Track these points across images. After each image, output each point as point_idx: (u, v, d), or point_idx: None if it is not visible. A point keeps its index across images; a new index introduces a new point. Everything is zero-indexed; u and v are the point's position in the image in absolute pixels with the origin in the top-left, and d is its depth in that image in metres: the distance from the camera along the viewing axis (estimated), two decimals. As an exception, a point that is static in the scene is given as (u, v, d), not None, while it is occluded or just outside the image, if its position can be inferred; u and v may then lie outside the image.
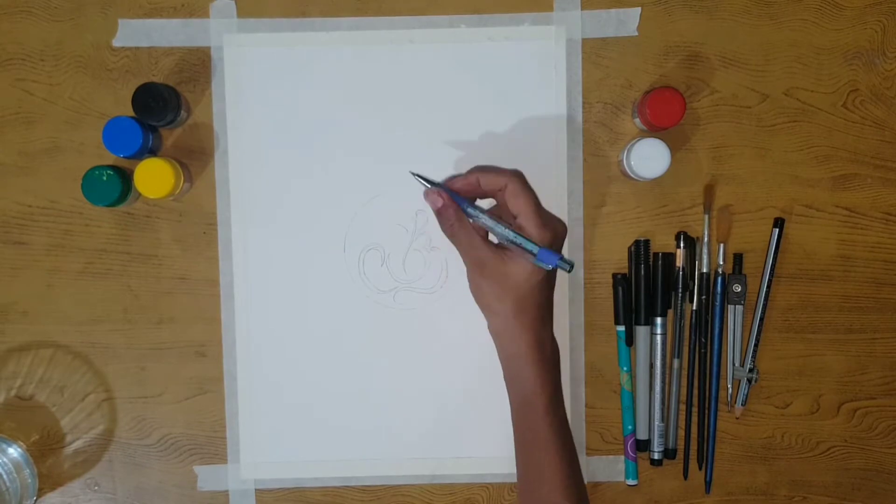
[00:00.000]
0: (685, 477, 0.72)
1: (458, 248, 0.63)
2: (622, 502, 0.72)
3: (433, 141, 0.71)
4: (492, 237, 0.64)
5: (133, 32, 0.70)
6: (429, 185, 0.63)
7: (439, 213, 0.63)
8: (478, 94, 0.70)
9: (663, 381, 0.71)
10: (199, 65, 0.70)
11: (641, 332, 0.71)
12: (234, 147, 0.70)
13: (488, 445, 0.72)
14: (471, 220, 0.62)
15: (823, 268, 0.71)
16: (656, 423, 0.71)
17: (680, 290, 0.70)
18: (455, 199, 0.62)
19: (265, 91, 0.70)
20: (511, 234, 0.60)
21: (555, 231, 0.61)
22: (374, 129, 0.70)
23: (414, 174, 0.64)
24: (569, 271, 0.59)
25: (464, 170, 0.69)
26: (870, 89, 0.70)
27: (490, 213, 0.62)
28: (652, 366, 0.71)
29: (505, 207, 0.62)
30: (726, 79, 0.70)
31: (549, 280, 0.62)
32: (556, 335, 0.71)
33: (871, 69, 0.70)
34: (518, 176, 0.62)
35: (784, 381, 0.72)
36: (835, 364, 0.72)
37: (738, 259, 0.71)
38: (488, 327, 0.64)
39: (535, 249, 0.59)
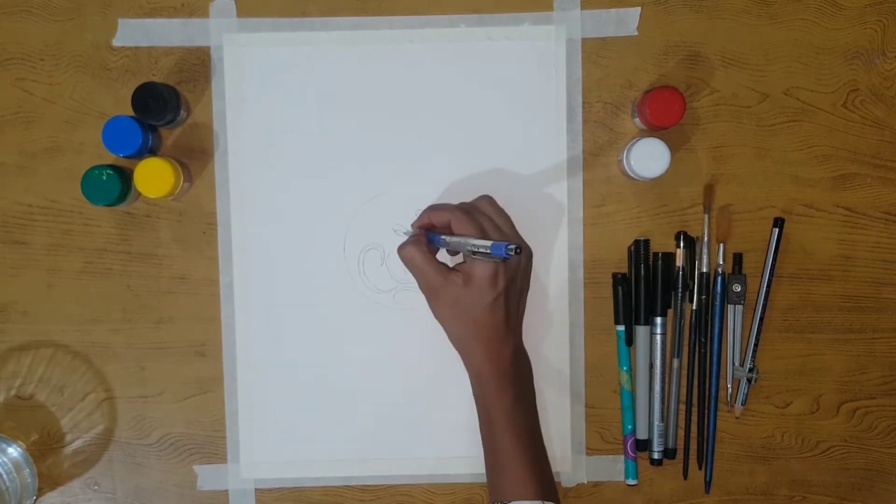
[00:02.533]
0: (685, 477, 0.72)
1: (412, 273, 0.65)
2: (622, 502, 0.72)
3: (433, 140, 0.71)
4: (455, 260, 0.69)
5: (133, 32, 0.70)
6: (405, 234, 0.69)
7: (408, 240, 0.66)
8: (478, 94, 0.70)
9: (663, 381, 0.71)
10: (198, 64, 0.70)
11: (641, 331, 0.71)
12: (233, 147, 0.70)
13: (488, 445, 0.72)
14: (446, 248, 0.65)
15: (823, 267, 0.71)
16: (656, 422, 0.71)
17: (680, 290, 0.70)
18: (428, 235, 0.66)
19: (265, 91, 0.70)
20: (468, 242, 0.62)
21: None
22: (374, 129, 0.70)
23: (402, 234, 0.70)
24: (518, 253, 0.59)
25: (462, 170, 0.70)
26: (870, 89, 0.70)
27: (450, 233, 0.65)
28: (652, 365, 0.71)
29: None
30: (726, 78, 0.70)
31: (502, 299, 0.63)
32: (556, 335, 0.71)
33: (871, 69, 0.70)
34: (460, 209, 0.64)
35: (784, 380, 0.72)
36: (835, 364, 0.72)
37: (737, 259, 0.71)
38: (452, 345, 0.66)
39: (489, 244, 0.60)
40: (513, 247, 0.58)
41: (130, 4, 0.70)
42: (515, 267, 0.64)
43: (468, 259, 0.63)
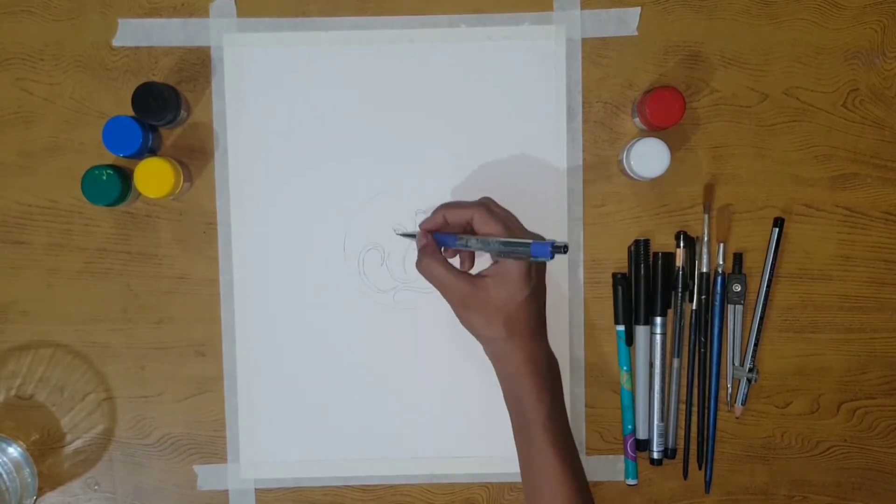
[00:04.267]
0: (685, 477, 0.72)
1: (435, 287, 0.64)
2: (622, 502, 0.72)
3: (433, 140, 0.71)
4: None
5: (133, 32, 0.70)
6: (414, 237, 0.67)
7: (420, 251, 0.64)
8: (478, 94, 0.70)
9: (663, 381, 0.71)
10: (198, 64, 0.70)
11: (641, 331, 0.71)
12: (233, 146, 0.70)
13: (488, 444, 0.72)
14: (464, 249, 0.63)
15: (823, 267, 0.71)
16: (656, 422, 0.71)
17: (680, 290, 0.70)
18: (437, 238, 0.64)
19: (265, 90, 0.70)
20: (500, 243, 0.59)
21: None
22: (374, 129, 0.70)
23: (401, 234, 0.70)
24: (564, 252, 0.55)
25: (462, 170, 0.70)
26: (869, 89, 0.70)
27: (474, 235, 0.63)
28: (652, 365, 0.71)
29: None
30: (726, 78, 0.70)
31: (534, 296, 0.62)
32: (556, 334, 0.71)
33: (871, 69, 0.70)
34: (483, 206, 0.63)
35: (784, 380, 0.72)
36: (835, 364, 0.72)
37: (737, 259, 0.71)
38: (485, 353, 0.64)
39: (528, 244, 0.56)
40: (562, 244, 0.54)
41: (130, 4, 0.70)
42: (542, 264, 0.63)
43: (496, 258, 0.62)
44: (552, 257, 0.55)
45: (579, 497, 0.62)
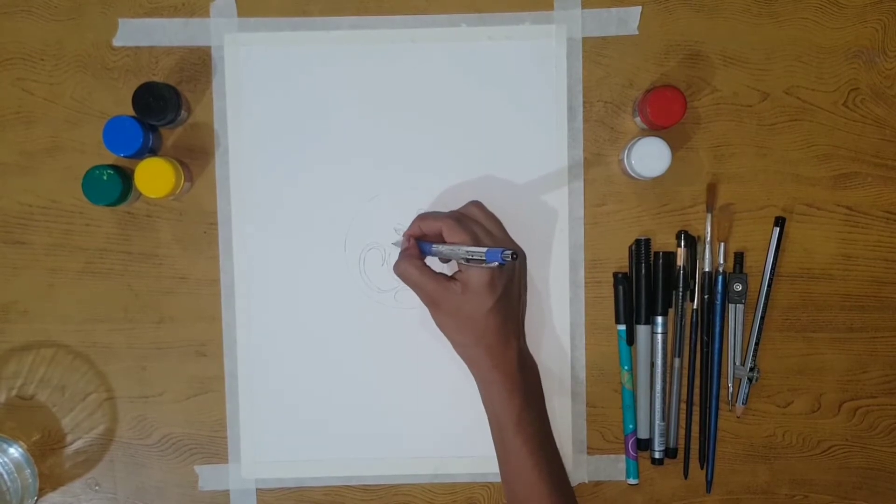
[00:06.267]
0: (686, 476, 0.72)
1: (410, 287, 0.65)
2: (623, 501, 0.72)
3: (433, 140, 0.70)
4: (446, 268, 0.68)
5: (133, 32, 0.70)
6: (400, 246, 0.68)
7: (400, 254, 0.66)
8: (478, 94, 0.70)
9: (664, 381, 0.71)
10: (199, 64, 0.70)
11: (642, 331, 0.71)
12: (234, 146, 0.70)
13: (489, 444, 0.71)
14: (438, 256, 0.65)
15: (824, 267, 0.71)
16: (657, 422, 0.71)
17: (681, 289, 0.70)
18: (419, 245, 0.66)
19: (266, 90, 0.70)
20: (462, 250, 0.61)
21: None
22: (375, 129, 0.70)
23: (393, 244, 0.70)
24: (514, 259, 0.57)
25: (463, 169, 0.70)
26: (870, 88, 0.70)
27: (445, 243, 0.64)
28: (653, 365, 0.71)
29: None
30: (727, 77, 0.70)
31: (501, 304, 0.63)
32: (556, 334, 0.71)
33: (872, 68, 0.70)
34: (451, 217, 0.64)
35: (785, 380, 0.72)
36: (836, 363, 0.72)
37: (738, 258, 0.71)
38: (457, 354, 0.66)
39: (483, 251, 0.59)
40: (509, 253, 0.56)
41: (131, 4, 0.70)
42: (511, 271, 0.64)
43: (463, 267, 0.63)
44: (504, 263, 0.57)
45: (556, 494, 0.62)
